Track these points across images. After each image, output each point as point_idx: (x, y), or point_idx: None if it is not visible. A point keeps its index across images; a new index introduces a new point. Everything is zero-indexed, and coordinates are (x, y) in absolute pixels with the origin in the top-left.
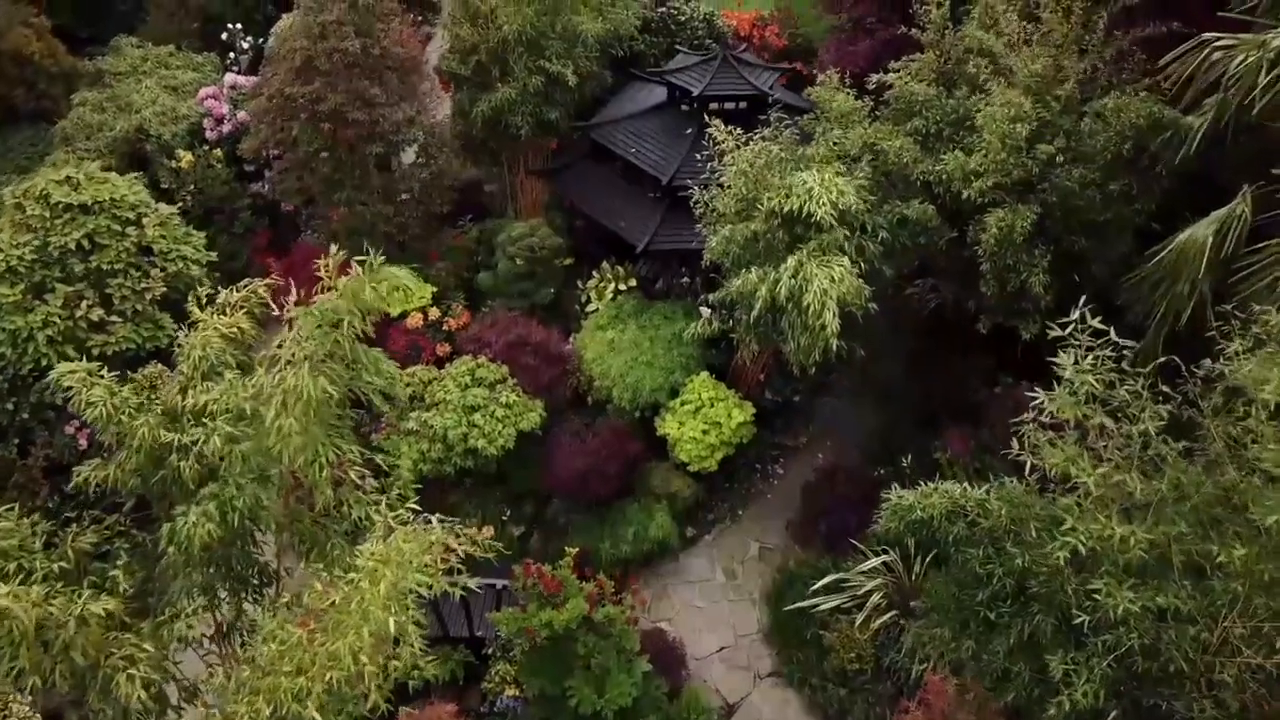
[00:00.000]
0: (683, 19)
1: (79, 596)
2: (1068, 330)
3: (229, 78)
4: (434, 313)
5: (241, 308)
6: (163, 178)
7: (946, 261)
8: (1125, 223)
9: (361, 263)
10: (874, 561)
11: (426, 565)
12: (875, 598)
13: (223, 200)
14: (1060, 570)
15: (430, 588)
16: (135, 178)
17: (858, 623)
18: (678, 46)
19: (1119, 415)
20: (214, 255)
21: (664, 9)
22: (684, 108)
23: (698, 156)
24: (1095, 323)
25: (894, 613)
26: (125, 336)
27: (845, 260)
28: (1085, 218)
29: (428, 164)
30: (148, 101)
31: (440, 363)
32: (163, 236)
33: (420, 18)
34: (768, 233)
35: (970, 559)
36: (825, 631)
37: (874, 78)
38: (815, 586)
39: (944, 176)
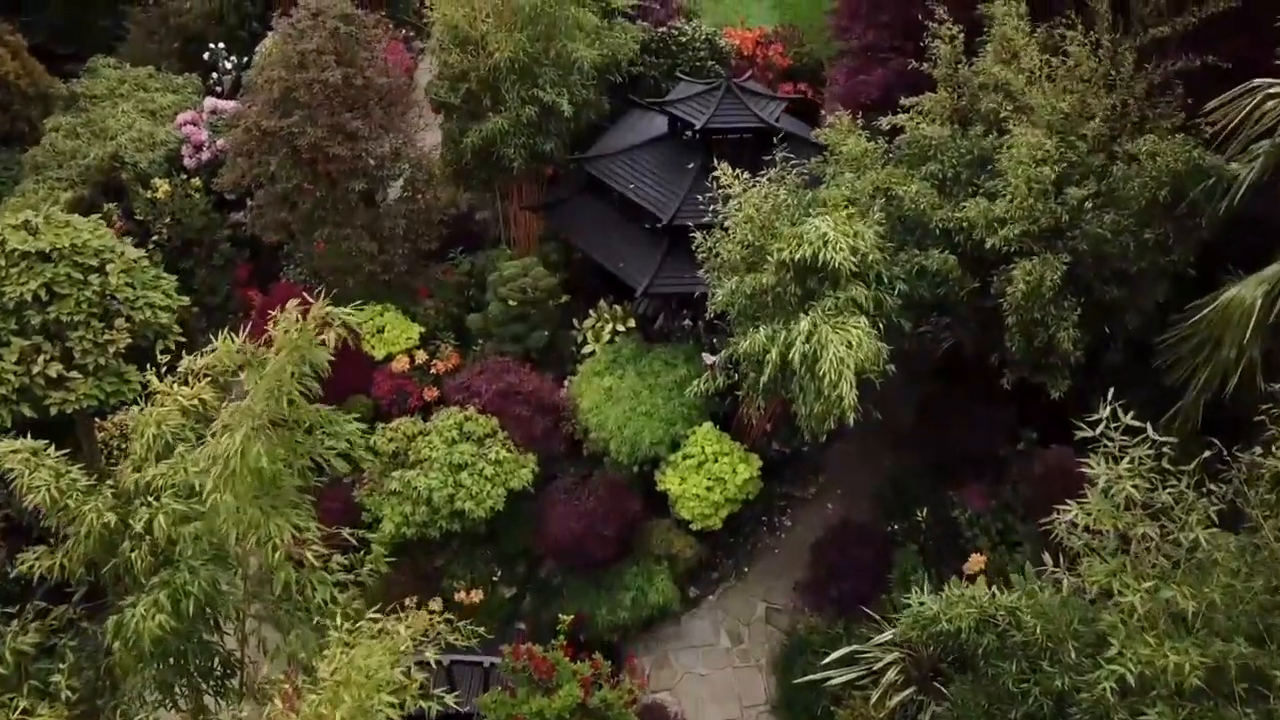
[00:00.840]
0: (684, 39)
1: (15, 710)
2: (1099, 430)
3: (209, 102)
4: (421, 355)
5: (205, 376)
6: (138, 209)
7: (967, 310)
8: (1161, 271)
9: (342, 300)
10: (890, 634)
11: (397, 675)
12: (891, 673)
13: (201, 231)
14: (1106, 699)
15: (401, 704)
16: (100, 218)
17: (873, 700)
18: (680, 75)
19: (1161, 517)
20: (185, 300)
21: (665, 29)
22: (687, 134)
23: (700, 197)
24: (1129, 419)
25: (912, 689)
26: (87, 393)
27: (863, 321)
28: (1118, 266)
29: (415, 199)
30: (124, 127)
31: (428, 408)
32: (128, 284)
33: (411, 33)
34: (778, 286)
35: (1002, 673)
36: (838, 708)
37: (886, 120)
38: (827, 660)
39: (965, 224)
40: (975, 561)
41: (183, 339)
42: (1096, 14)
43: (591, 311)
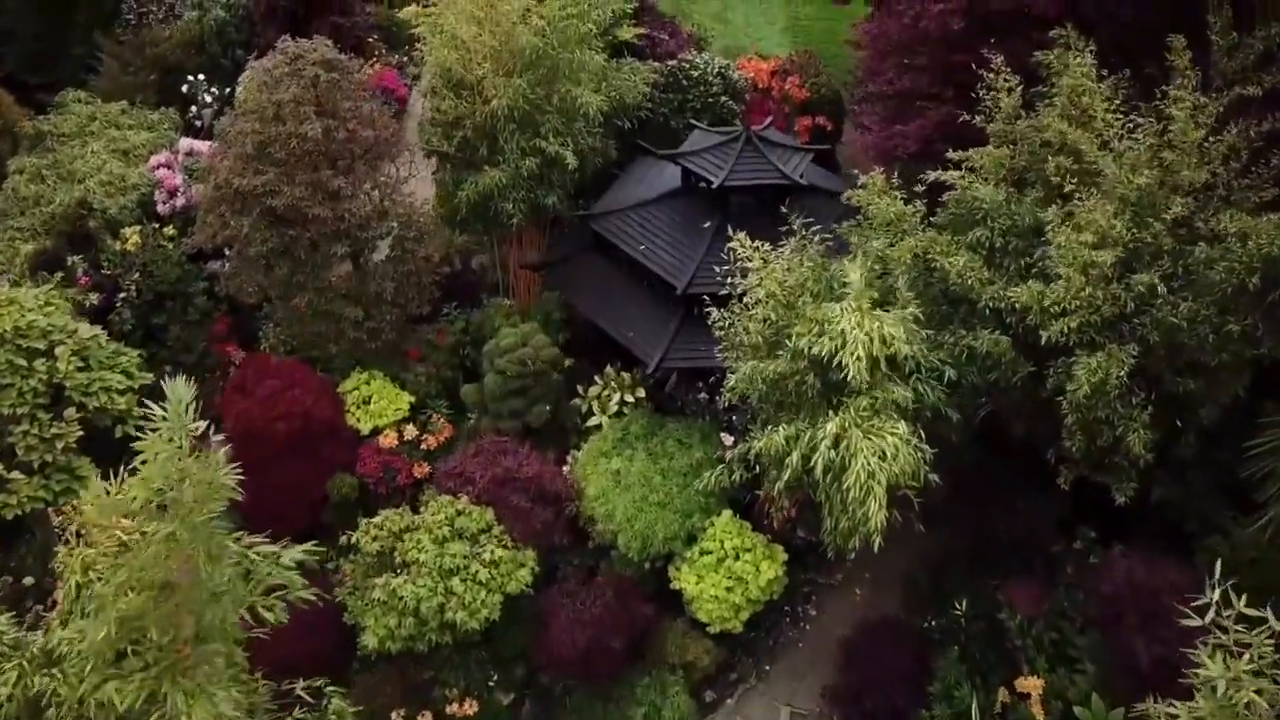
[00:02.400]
0: (695, 74)
1: None
2: (1207, 617)
3: (184, 143)
4: (410, 430)
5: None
6: (105, 261)
7: (1019, 396)
8: (1243, 364)
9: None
10: None
11: None
12: None
13: (175, 284)
14: None
15: None
16: (61, 278)
17: None
18: (693, 122)
19: None
20: (148, 378)
21: (675, 62)
22: (702, 185)
23: (716, 267)
24: (1242, 605)
25: None
26: (31, 495)
27: (901, 427)
28: (1193, 358)
29: (404, 259)
30: (93, 169)
31: (418, 485)
32: (81, 367)
33: (406, 58)
34: (795, 375)
35: None
36: None
37: (932, 175)
38: None
39: (1015, 306)
40: (1029, 684)
41: (143, 422)
42: (1176, 69)
43: (597, 378)
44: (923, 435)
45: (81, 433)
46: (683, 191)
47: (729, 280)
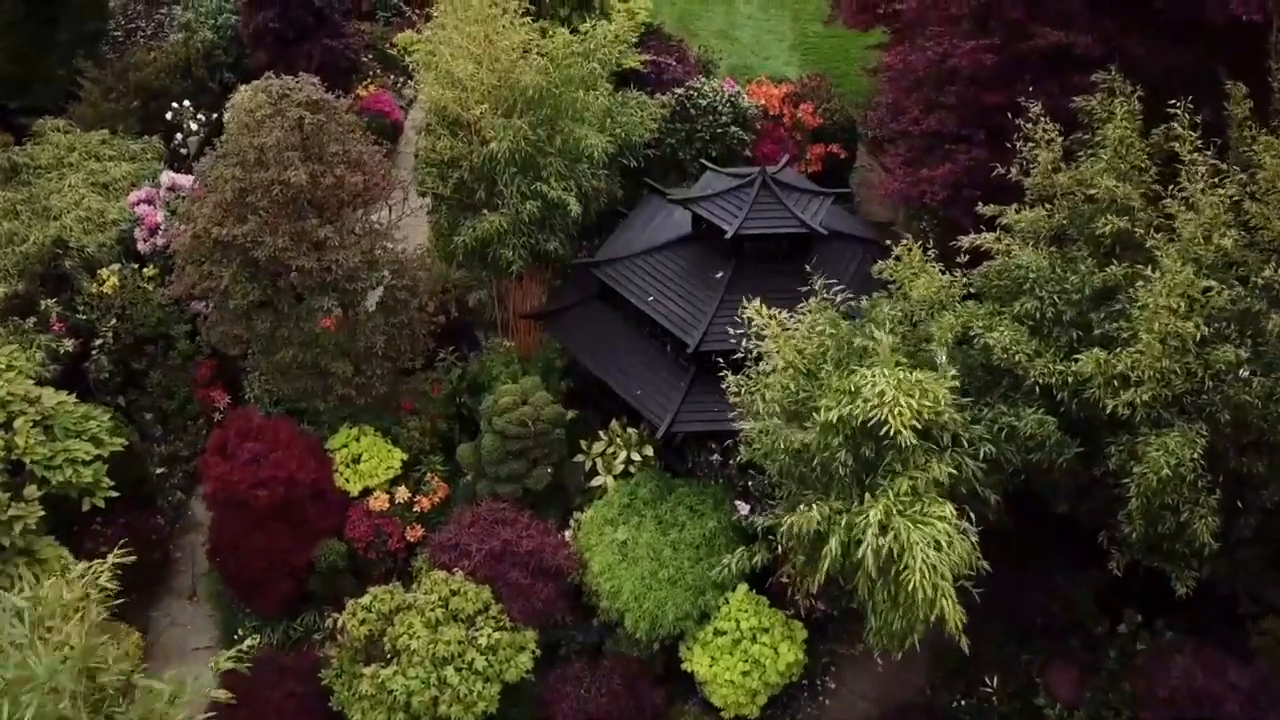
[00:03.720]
0: (704, 103)
1: None
2: None
3: (166, 178)
4: (403, 493)
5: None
6: (81, 305)
7: (1062, 475)
8: None
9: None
10: None
11: None
12: None
13: (156, 327)
14: None
15: None
16: (14, 352)
17: None
18: (705, 163)
19: None
20: (119, 443)
21: (684, 90)
22: (712, 226)
23: (730, 324)
24: None
25: None
26: None
27: (947, 509)
28: (1262, 438)
29: (396, 310)
30: (70, 204)
31: (411, 550)
32: (43, 439)
33: (400, 79)
34: (825, 451)
35: None
36: None
37: (966, 241)
38: None
39: (1069, 379)
40: None
41: (115, 493)
42: (1234, 117)
43: (602, 433)
44: (972, 518)
45: (43, 512)
46: (693, 238)
47: (744, 340)
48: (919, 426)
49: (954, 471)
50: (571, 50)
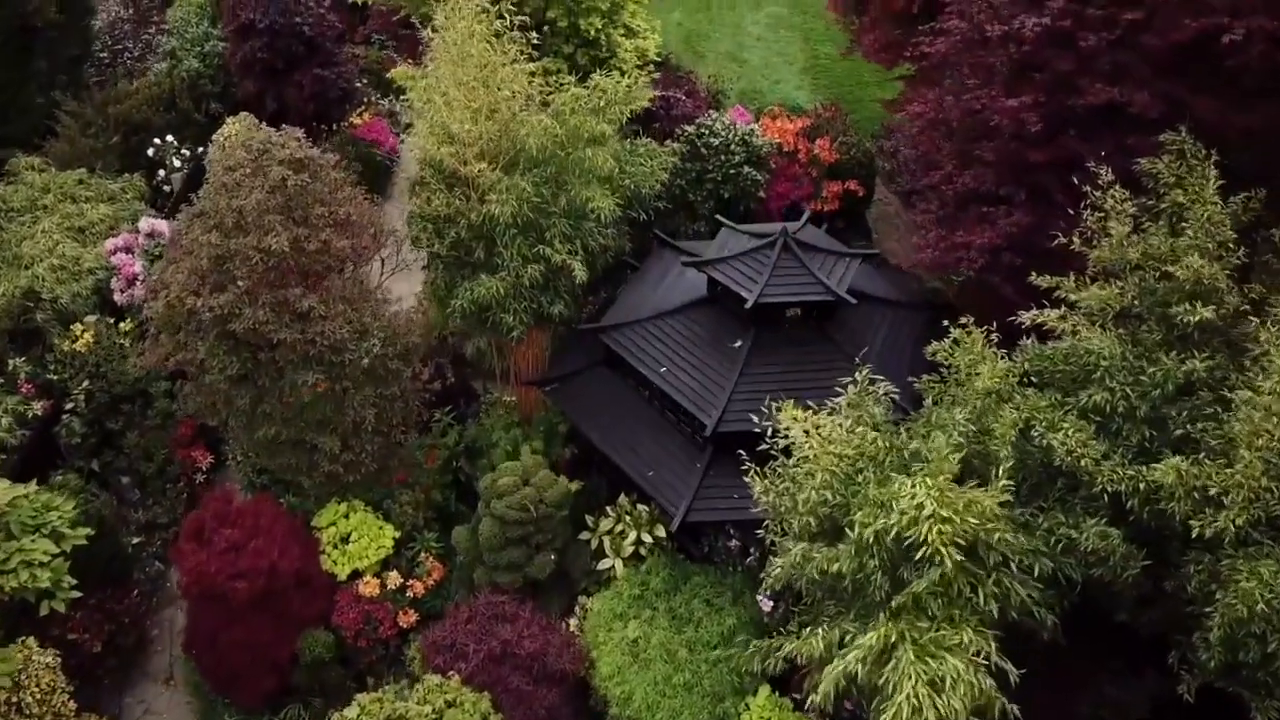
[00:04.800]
0: (716, 142)
1: None
2: None
3: (144, 224)
4: (394, 577)
5: None
6: (52, 363)
7: (1127, 587)
8: None
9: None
10: None
11: None
12: None
13: (133, 385)
14: None
15: None
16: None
17: None
18: (720, 219)
19: None
20: (83, 535)
21: (694, 127)
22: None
23: (753, 411)
24: None
25: None
26: None
27: (965, 636)
28: None
29: (387, 381)
30: (44, 251)
31: (404, 635)
32: None
33: (395, 105)
34: (859, 573)
35: None
36: None
37: (1026, 317)
38: None
39: (1141, 485)
40: None
41: (78, 593)
42: None
43: (610, 509)
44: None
45: None
46: (709, 300)
47: (768, 425)
48: (963, 543)
49: (1000, 595)
50: (580, 106)
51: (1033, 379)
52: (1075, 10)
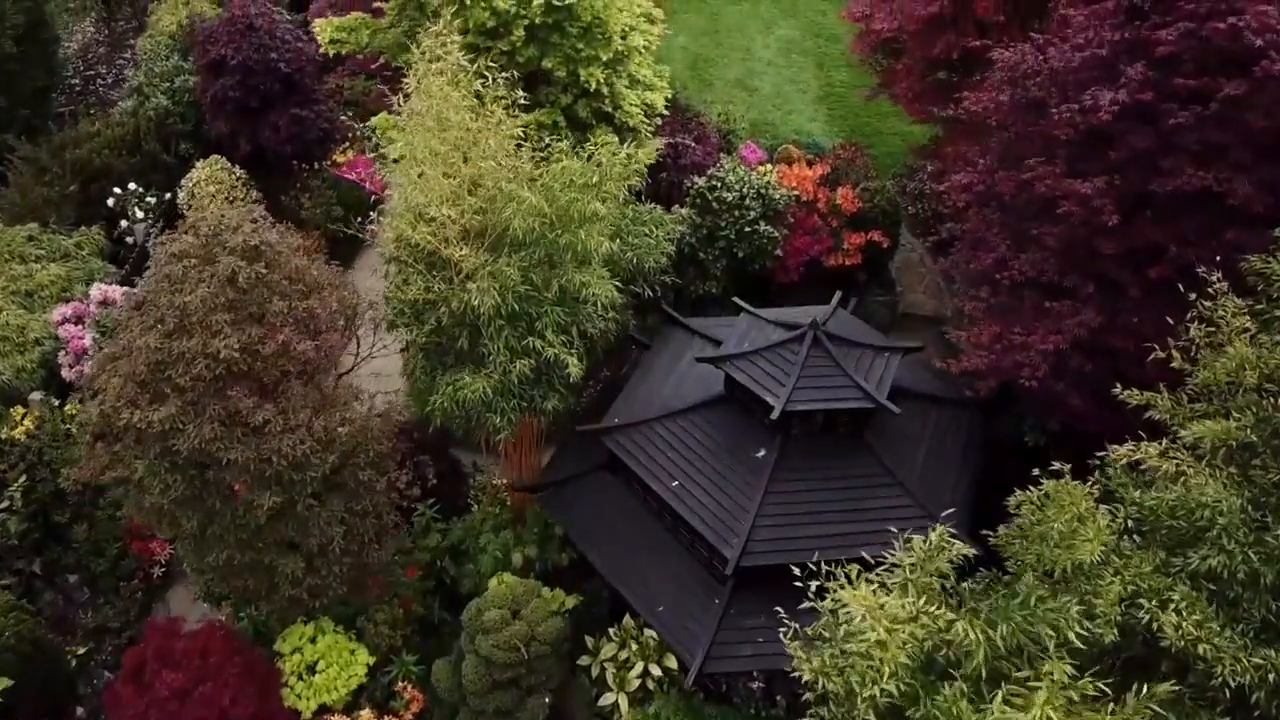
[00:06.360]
0: (730, 197)
1: None
2: None
3: (96, 291)
4: (366, 717)
5: None
6: None
7: None
8: None
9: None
10: None
11: None
12: None
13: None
14: None
15: None
16: None
17: None
18: (739, 302)
19: None
20: (6, 683)
21: (705, 180)
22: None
23: (778, 527)
24: None
25: None
26: None
27: None
28: None
29: (357, 495)
30: None
31: None
32: None
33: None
34: None
35: None
36: None
37: (1121, 450)
38: None
39: (1272, 678)
40: None
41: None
42: None
43: (612, 632)
44: None
45: None
46: (727, 398)
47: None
48: None
49: None
50: (573, 180)
51: (1132, 531)
52: (1159, 79)
